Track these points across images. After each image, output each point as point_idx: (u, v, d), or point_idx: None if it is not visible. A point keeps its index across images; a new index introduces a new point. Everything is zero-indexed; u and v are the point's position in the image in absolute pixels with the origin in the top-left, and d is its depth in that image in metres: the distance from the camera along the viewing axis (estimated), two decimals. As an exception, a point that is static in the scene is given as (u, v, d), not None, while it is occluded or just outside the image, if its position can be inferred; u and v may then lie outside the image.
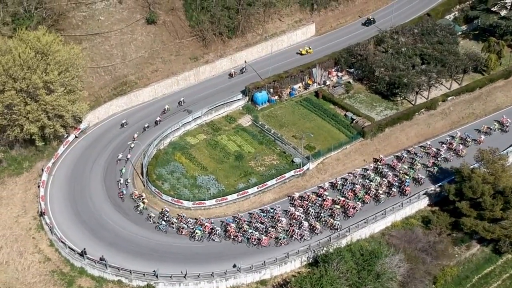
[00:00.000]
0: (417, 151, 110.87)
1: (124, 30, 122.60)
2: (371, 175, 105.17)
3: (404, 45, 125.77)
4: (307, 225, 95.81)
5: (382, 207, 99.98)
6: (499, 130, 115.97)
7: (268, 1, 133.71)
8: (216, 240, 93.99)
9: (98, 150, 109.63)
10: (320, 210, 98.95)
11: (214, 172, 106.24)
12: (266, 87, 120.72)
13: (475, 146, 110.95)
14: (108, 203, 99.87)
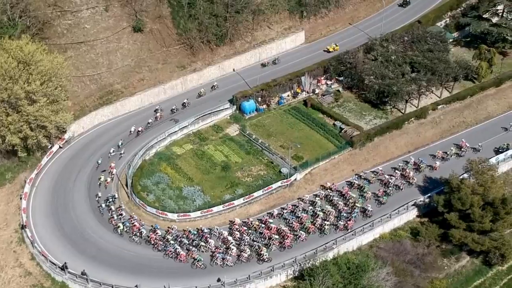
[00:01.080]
0: (368, 176, 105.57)
1: (110, 38, 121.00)
2: (318, 202, 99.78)
3: (394, 53, 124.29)
4: (235, 251, 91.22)
5: (328, 239, 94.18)
6: (456, 155, 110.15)
7: (257, 8, 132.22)
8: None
9: (82, 161, 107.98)
10: (258, 238, 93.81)
11: (200, 183, 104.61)
12: (254, 96, 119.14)
13: (430, 172, 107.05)
14: (91, 215, 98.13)
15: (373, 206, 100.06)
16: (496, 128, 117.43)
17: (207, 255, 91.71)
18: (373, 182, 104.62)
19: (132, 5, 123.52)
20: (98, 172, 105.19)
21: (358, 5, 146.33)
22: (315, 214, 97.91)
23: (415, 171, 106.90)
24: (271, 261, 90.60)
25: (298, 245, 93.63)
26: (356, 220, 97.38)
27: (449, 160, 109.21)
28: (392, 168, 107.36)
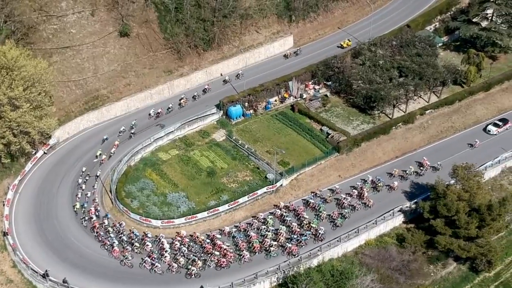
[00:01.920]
0: (325, 195, 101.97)
1: (96, 43, 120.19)
2: (270, 222, 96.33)
3: (382, 57, 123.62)
4: (168, 259, 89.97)
5: (274, 262, 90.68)
6: (415, 174, 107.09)
7: (245, 12, 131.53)
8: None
9: (66, 167, 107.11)
10: (199, 252, 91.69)
11: (185, 189, 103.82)
12: (241, 101, 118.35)
13: (388, 193, 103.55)
14: (74, 222, 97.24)
15: (328, 228, 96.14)
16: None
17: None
18: (329, 201, 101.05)
19: (118, 10, 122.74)
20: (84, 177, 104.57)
21: (347, 9, 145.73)
22: (264, 234, 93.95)
23: (373, 190, 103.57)
24: (199, 277, 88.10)
25: (242, 266, 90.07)
26: (307, 243, 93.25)
27: (408, 179, 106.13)
28: (351, 187, 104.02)
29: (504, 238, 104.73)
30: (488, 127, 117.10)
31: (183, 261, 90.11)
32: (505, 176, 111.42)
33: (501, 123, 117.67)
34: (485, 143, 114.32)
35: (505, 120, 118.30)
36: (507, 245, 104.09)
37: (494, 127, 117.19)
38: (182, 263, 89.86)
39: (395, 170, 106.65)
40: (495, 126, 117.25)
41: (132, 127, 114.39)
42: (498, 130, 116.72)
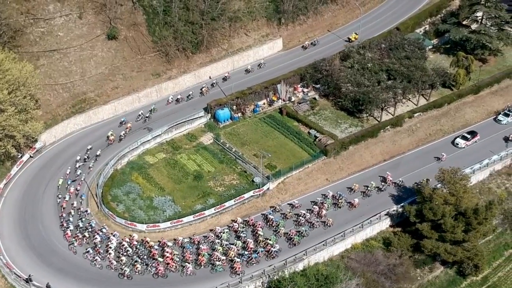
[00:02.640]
0: (285, 210, 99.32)
1: (84, 46, 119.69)
2: (224, 236, 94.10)
3: (370, 60, 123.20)
4: (112, 256, 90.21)
5: (218, 277, 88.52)
6: (376, 189, 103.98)
7: (234, 15, 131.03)
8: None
9: (52, 171, 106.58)
10: (144, 256, 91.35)
11: (172, 193, 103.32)
12: (229, 104, 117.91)
13: (349, 210, 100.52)
14: (59, 226, 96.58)
15: (285, 245, 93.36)
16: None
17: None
18: (289, 217, 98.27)
19: (106, 13, 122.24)
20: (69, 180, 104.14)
21: (337, 12, 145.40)
22: (215, 248, 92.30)
23: (334, 206, 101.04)
24: (131, 279, 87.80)
25: (184, 278, 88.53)
26: (258, 261, 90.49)
27: (370, 196, 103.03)
28: (311, 202, 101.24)
29: (491, 241, 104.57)
30: (456, 140, 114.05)
31: (125, 261, 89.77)
32: (493, 180, 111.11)
33: (469, 136, 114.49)
34: (453, 156, 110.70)
35: (473, 133, 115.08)
36: (494, 249, 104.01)
37: (462, 140, 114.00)
38: (124, 262, 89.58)
39: (355, 185, 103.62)
40: (463, 139, 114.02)
41: (151, 111, 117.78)
42: (467, 143, 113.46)
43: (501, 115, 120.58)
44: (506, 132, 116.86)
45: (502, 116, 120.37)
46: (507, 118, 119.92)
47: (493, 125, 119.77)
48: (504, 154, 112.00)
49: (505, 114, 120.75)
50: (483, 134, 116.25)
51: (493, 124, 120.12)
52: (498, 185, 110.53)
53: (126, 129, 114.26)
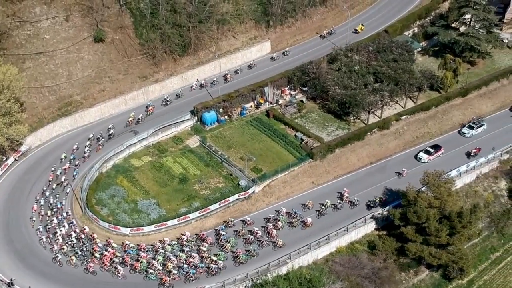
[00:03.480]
0: (238, 226, 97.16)
1: (70, 48, 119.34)
2: (168, 248, 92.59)
3: (358, 63, 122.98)
4: (66, 250, 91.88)
5: (151, 284, 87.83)
6: (333, 207, 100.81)
7: (221, 18, 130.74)
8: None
9: (37, 174, 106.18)
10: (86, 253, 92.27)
11: (156, 196, 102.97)
12: (216, 107, 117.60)
13: (302, 230, 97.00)
14: (43, 230, 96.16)
15: (230, 263, 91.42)
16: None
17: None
18: (241, 234, 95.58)
19: (93, 15, 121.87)
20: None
21: (326, 15, 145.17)
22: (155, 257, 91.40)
23: (289, 225, 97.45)
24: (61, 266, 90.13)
25: (116, 279, 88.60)
26: (197, 277, 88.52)
27: (325, 215, 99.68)
28: (265, 219, 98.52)
29: (478, 245, 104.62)
30: (419, 155, 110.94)
31: (66, 250, 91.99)
32: (480, 183, 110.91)
33: (433, 150, 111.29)
34: (415, 170, 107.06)
35: (437, 147, 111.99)
36: (480, 252, 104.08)
37: (425, 154, 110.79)
38: (65, 251, 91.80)
39: (309, 201, 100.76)
40: (426, 154, 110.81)
41: (178, 96, 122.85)
42: (430, 157, 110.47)
43: (465, 128, 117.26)
44: (470, 146, 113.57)
45: (466, 129, 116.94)
46: (471, 131, 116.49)
47: (457, 138, 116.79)
48: (491, 157, 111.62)
49: (469, 126, 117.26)
50: (447, 147, 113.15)
51: (458, 137, 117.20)
52: (485, 188, 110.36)
53: (147, 112, 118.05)
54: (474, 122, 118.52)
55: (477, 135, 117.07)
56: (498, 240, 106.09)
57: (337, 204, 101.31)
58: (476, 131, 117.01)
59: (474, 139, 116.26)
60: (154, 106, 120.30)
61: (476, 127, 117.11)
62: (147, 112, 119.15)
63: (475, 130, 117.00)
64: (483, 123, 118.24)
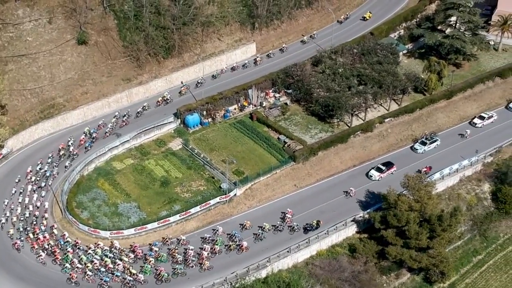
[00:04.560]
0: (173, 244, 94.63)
1: (53, 51, 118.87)
2: (99, 251, 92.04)
3: (342, 65, 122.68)
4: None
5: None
6: (273, 229, 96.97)
7: (206, 20, 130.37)
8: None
9: (18, 177, 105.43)
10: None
11: (137, 199, 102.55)
12: (199, 109, 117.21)
13: (237, 254, 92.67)
14: (22, 234, 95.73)
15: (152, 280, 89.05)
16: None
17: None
18: (172, 253, 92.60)
19: (76, 17, 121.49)
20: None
21: (312, 17, 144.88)
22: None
23: (227, 248, 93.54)
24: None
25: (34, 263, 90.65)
26: (110, 285, 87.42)
27: (263, 239, 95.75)
28: (201, 238, 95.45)
29: (460, 248, 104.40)
30: (370, 172, 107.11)
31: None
32: (463, 185, 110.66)
33: (384, 167, 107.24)
34: (365, 188, 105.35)
35: (389, 164, 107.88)
36: (463, 255, 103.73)
37: (376, 172, 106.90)
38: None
39: (246, 221, 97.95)
40: (377, 171, 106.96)
41: (198, 83, 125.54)
42: (381, 175, 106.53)
43: (417, 144, 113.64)
44: (423, 163, 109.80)
45: (418, 145, 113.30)
46: (423, 147, 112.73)
47: (410, 154, 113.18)
48: (475, 159, 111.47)
49: (422, 142, 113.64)
50: (399, 164, 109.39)
51: (410, 153, 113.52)
52: (468, 191, 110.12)
53: (181, 91, 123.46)
54: (427, 137, 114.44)
55: (430, 151, 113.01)
56: (481, 243, 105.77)
57: (278, 226, 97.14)
58: (428, 147, 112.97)
59: (426, 155, 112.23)
60: (188, 87, 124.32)
61: (429, 143, 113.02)
62: (181, 92, 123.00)
63: (428, 146, 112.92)
64: (436, 138, 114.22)
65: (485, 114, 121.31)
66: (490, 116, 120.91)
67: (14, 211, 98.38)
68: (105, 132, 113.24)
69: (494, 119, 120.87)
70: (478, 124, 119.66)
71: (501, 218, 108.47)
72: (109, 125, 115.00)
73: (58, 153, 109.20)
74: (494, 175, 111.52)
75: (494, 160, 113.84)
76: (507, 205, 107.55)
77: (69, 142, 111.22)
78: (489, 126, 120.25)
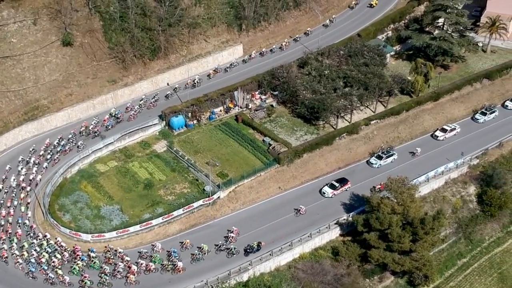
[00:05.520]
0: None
1: (38, 52, 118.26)
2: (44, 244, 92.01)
3: (328, 67, 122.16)
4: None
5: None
6: (215, 248, 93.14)
7: (193, 21, 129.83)
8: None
9: (1, 179, 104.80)
10: None
11: (120, 202, 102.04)
12: (184, 111, 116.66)
13: (172, 275, 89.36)
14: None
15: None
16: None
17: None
18: (106, 262, 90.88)
19: (62, 19, 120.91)
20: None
21: (299, 18, 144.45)
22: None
23: (162, 267, 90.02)
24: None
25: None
26: (35, 276, 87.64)
27: (201, 260, 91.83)
28: (138, 253, 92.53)
29: (445, 251, 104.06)
30: (323, 189, 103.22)
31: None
32: (449, 188, 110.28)
33: (338, 184, 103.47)
34: (318, 205, 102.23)
35: (344, 181, 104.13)
36: (447, 258, 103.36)
37: (329, 188, 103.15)
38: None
39: (186, 240, 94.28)
40: (331, 188, 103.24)
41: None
42: (334, 192, 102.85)
43: (373, 158, 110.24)
44: (380, 178, 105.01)
45: (374, 159, 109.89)
46: (379, 161, 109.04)
47: (366, 168, 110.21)
48: (461, 162, 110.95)
49: (378, 156, 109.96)
50: (353, 179, 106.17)
51: (366, 167, 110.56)
52: (454, 194, 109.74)
53: (209, 76, 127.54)
54: (383, 151, 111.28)
55: (386, 165, 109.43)
56: (466, 246, 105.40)
57: (220, 245, 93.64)
58: (385, 161, 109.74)
59: (383, 170, 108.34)
60: (219, 71, 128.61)
61: (385, 157, 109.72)
62: (209, 76, 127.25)
63: (384, 161, 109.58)
64: (393, 152, 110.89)
65: (448, 126, 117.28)
66: (453, 129, 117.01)
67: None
68: (129, 115, 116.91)
69: (457, 132, 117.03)
70: (440, 137, 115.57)
71: (487, 221, 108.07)
72: (136, 107, 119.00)
73: (80, 131, 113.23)
74: (480, 177, 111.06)
75: (480, 163, 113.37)
76: (493, 208, 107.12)
77: (93, 122, 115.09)
78: (452, 138, 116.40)
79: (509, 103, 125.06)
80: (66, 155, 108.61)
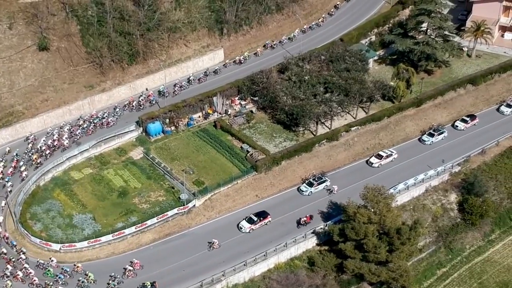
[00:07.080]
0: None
1: (13, 57, 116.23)
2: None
3: (308, 72, 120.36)
4: None
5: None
6: (111, 280, 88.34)
7: (173, 25, 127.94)
8: None
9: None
10: None
11: (93, 210, 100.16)
12: (161, 117, 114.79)
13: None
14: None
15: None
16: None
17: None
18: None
19: (38, 23, 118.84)
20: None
21: (282, 22, 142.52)
22: None
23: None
24: None
25: None
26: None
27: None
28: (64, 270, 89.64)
29: (424, 260, 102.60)
30: (241, 223, 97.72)
31: None
32: (429, 196, 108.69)
33: (256, 218, 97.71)
34: (234, 241, 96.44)
35: (264, 214, 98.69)
36: (426, 268, 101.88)
37: (247, 223, 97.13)
38: None
39: (77, 265, 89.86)
40: (249, 222, 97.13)
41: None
42: (252, 227, 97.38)
43: (304, 185, 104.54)
44: (306, 210, 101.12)
45: (305, 186, 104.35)
46: (310, 188, 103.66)
47: (296, 196, 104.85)
48: (436, 173, 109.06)
49: (309, 183, 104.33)
50: (276, 213, 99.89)
51: (297, 194, 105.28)
52: (434, 202, 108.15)
53: (225, 64, 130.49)
54: (314, 178, 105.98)
55: (316, 193, 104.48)
56: (446, 255, 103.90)
57: (115, 278, 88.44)
58: (316, 188, 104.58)
59: (314, 199, 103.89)
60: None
61: (316, 184, 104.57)
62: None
63: (315, 188, 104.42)
64: (325, 179, 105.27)
65: (384, 152, 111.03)
66: (389, 155, 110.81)
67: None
68: (165, 96, 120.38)
69: (394, 158, 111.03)
70: (375, 164, 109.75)
71: (467, 230, 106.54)
72: (183, 83, 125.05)
73: (124, 106, 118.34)
74: (461, 185, 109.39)
75: (462, 170, 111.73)
76: (474, 216, 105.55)
77: (140, 97, 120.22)
78: (388, 165, 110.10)
79: (459, 123, 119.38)
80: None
